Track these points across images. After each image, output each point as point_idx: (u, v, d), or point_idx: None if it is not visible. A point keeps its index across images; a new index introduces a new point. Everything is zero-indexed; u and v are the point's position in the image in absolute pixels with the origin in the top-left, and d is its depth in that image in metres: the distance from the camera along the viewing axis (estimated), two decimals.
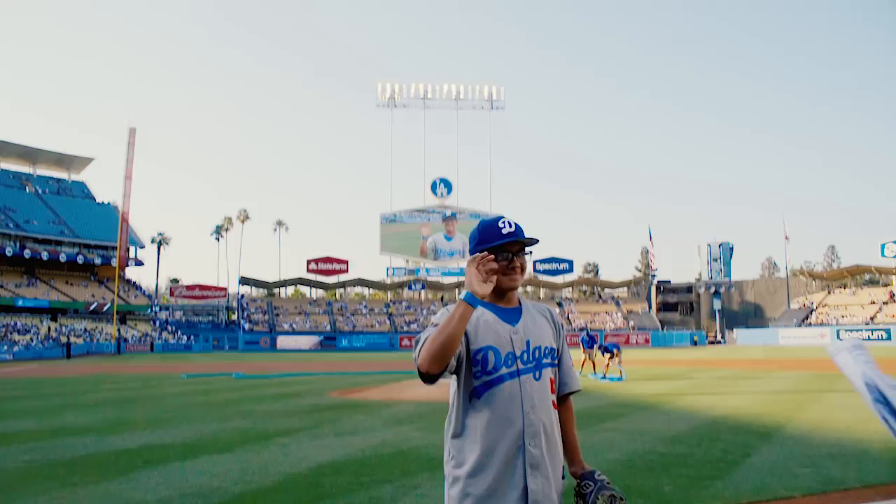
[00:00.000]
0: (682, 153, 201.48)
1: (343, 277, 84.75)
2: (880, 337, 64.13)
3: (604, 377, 21.25)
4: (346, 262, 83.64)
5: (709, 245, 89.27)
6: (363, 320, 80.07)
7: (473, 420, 2.58)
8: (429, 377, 2.50)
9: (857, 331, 66.75)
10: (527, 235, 2.76)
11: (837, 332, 67.10)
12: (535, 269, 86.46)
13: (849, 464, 7.54)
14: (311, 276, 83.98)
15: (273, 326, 75.81)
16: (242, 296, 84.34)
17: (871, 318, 70.47)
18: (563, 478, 2.69)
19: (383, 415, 12.54)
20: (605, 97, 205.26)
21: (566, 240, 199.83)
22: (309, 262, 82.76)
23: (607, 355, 22.02)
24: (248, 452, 8.56)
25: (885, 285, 79.66)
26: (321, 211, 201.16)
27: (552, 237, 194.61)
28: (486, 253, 2.52)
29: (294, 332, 73.73)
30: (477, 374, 2.58)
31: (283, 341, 70.37)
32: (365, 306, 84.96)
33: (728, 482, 6.72)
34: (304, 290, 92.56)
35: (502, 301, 2.73)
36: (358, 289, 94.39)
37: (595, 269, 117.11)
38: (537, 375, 2.65)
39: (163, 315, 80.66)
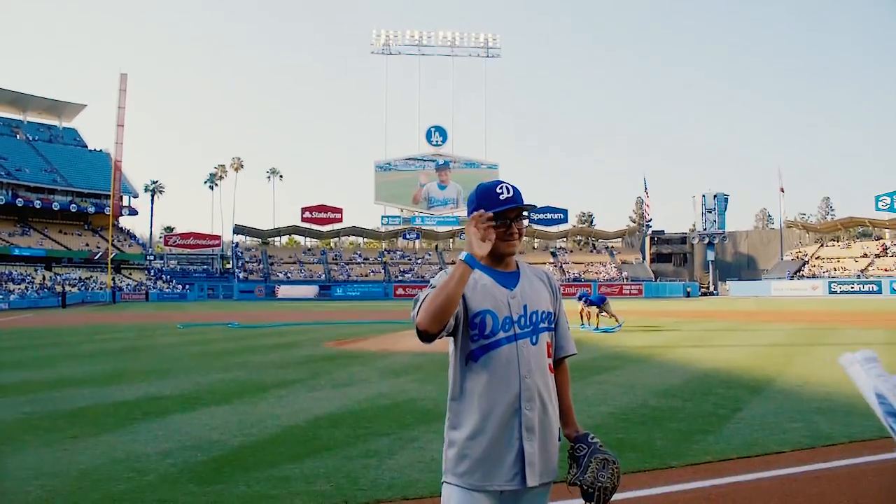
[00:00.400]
0: (679, 104, 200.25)
1: (338, 226, 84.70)
2: (871, 290, 64.68)
3: (597, 329, 21.47)
4: (340, 211, 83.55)
5: (703, 196, 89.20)
6: (358, 269, 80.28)
7: (471, 383, 2.63)
8: (427, 336, 2.53)
9: (849, 283, 67.31)
10: (524, 199, 2.76)
11: (829, 284, 67.66)
12: (529, 219, 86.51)
13: (837, 419, 7.67)
14: (306, 225, 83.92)
15: (268, 275, 75.99)
16: (237, 244, 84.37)
17: (863, 271, 70.96)
18: (560, 440, 2.75)
19: (379, 366, 12.67)
20: (601, 47, 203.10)
21: (561, 189, 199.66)
22: (303, 210, 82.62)
23: (594, 308, 22.17)
24: (245, 404, 8.67)
25: (878, 238, 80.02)
26: (316, 159, 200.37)
27: (547, 187, 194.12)
28: (482, 211, 2.54)
29: (289, 282, 73.93)
30: (474, 337, 2.63)
31: (284, 290, 70.53)
32: (359, 255, 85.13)
33: (719, 436, 6.85)
34: (299, 238, 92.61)
35: (500, 265, 2.76)
36: (352, 238, 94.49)
37: (590, 220, 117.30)
38: (534, 340, 2.68)
39: (157, 264, 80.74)
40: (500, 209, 2.64)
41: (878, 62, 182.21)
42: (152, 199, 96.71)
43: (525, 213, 2.84)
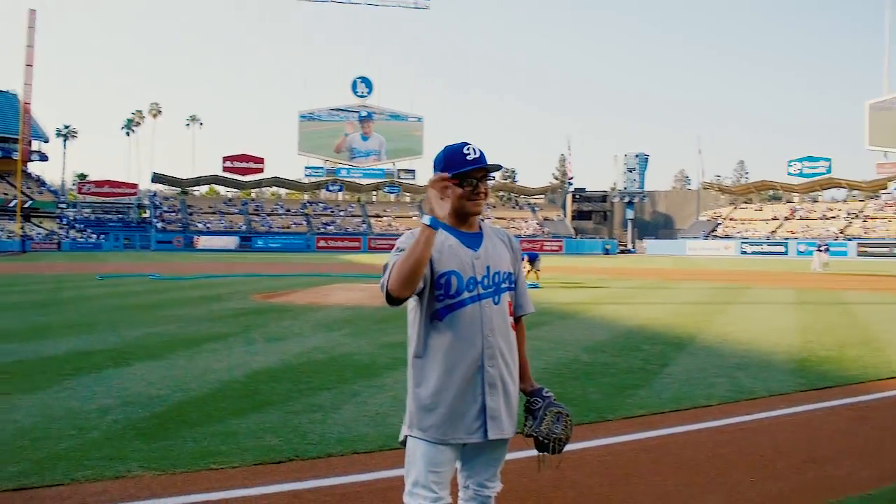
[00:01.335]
0: (604, 64, 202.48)
1: (259, 177, 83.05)
2: (779, 251, 67.59)
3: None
4: (262, 161, 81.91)
5: (625, 155, 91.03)
6: (279, 221, 79.12)
7: (435, 341, 2.72)
8: (398, 301, 2.60)
9: (759, 244, 70.13)
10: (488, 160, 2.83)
11: (741, 244, 70.37)
12: (434, 172, 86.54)
13: (756, 374, 8.10)
14: (227, 175, 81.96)
15: (187, 226, 74.15)
16: (155, 193, 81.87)
17: (772, 233, 73.96)
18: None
19: (310, 320, 12.64)
20: (529, 4, 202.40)
21: (485, 145, 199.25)
22: (224, 159, 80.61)
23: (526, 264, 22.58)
24: (180, 359, 8.55)
25: (788, 202, 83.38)
26: (238, 108, 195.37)
27: (471, 140, 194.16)
28: (440, 173, 2.60)
29: (209, 232, 72.31)
30: (440, 297, 2.72)
31: (204, 241, 68.88)
32: (281, 207, 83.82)
33: (651, 391, 7.15)
34: (219, 189, 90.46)
35: (465, 226, 2.83)
36: (274, 189, 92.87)
37: (512, 176, 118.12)
38: (497, 300, 2.79)
39: (70, 213, 77.70)
40: (466, 169, 2.72)
41: (793, 33, 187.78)
42: (64, 145, 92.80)
43: (491, 174, 2.91)
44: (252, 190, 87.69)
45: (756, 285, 24.58)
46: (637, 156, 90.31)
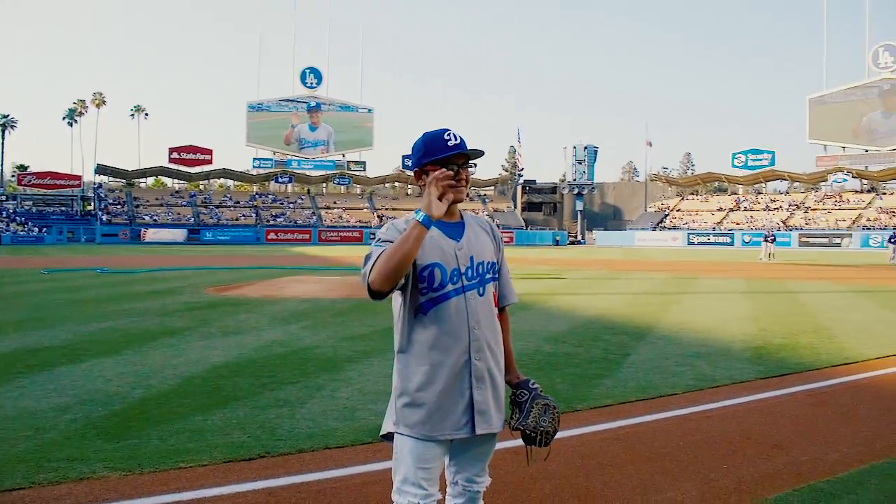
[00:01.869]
0: (554, 55, 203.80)
1: (207, 168, 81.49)
2: (725, 242, 68.97)
3: None
4: (210, 153, 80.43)
5: (574, 147, 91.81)
6: (228, 213, 77.85)
7: (420, 335, 2.66)
8: (379, 295, 2.54)
9: (705, 234, 71.50)
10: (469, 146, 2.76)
11: (688, 235, 71.63)
12: (403, 165, 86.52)
13: (716, 362, 8.23)
14: (174, 167, 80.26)
15: (133, 218, 72.47)
16: (99, 185, 79.74)
17: (718, 224, 75.43)
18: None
19: (267, 313, 12.44)
20: None
21: None
22: (171, 150, 78.95)
23: None
24: (136, 354, 8.32)
25: (733, 193, 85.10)
26: (185, 99, 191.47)
27: (421, 132, 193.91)
28: (444, 170, 2.54)
29: (156, 225, 70.82)
30: (423, 290, 2.65)
31: (151, 234, 67.33)
32: (230, 199, 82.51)
33: (616, 380, 7.20)
34: (166, 180, 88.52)
35: (446, 216, 2.73)
36: (222, 180, 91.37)
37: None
38: (481, 291, 2.73)
39: (10, 205, 75.26)
40: (447, 154, 2.65)
41: (738, 29, 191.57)
42: (3, 135, 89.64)
43: (473, 161, 2.85)
44: (200, 182, 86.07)
45: (706, 275, 25.02)
46: (586, 148, 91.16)
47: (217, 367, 7.64)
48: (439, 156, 2.66)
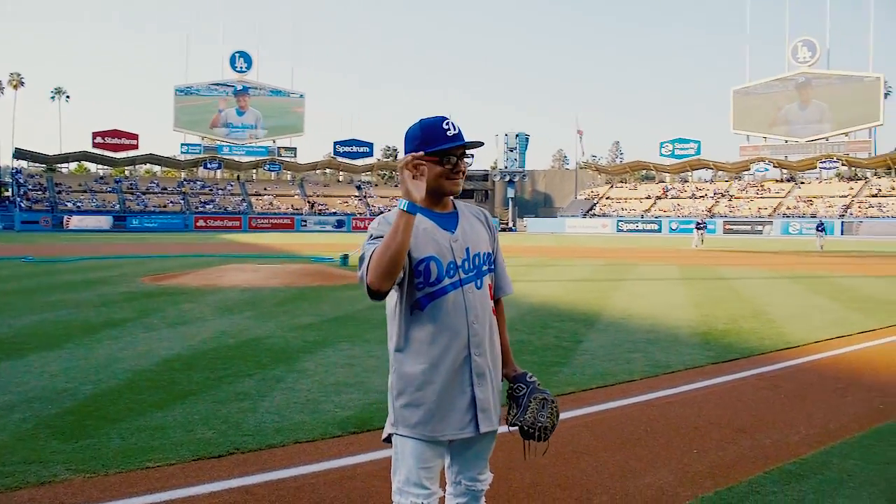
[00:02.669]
0: (486, 43, 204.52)
1: (133, 153, 78.95)
2: (653, 229, 70.54)
3: None
4: (136, 137, 77.91)
5: (506, 135, 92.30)
6: (156, 199, 75.66)
7: (417, 333, 2.57)
8: (380, 294, 2.44)
9: (634, 222, 72.98)
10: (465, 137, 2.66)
11: (618, 222, 72.98)
12: (334, 152, 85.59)
13: (668, 349, 8.39)
14: (98, 151, 77.42)
15: (55, 205, 69.74)
16: (18, 170, 76.33)
17: (646, 211, 77.06)
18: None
19: (209, 302, 12.14)
20: None
21: (367, 123, 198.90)
22: (95, 135, 76.16)
23: None
24: (79, 348, 7.99)
25: (660, 182, 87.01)
26: (108, 81, 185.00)
27: (353, 119, 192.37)
28: (412, 153, 2.43)
29: (79, 212, 68.32)
30: (419, 285, 2.56)
31: (75, 221, 64.85)
32: (157, 185, 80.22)
33: (573, 368, 7.27)
34: (90, 166, 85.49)
35: (439, 206, 2.67)
36: (149, 166, 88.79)
37: (395, 154, 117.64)
38: (479, 284, 2.66)
39: None
40: (447, 146, 2.56)
41: (668, 20, 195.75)
42: None
43: (470, 152, 2.77)
44: (125, 167, 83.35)
45: (641, 262, 25.53)
46: (518, 135, 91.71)
47: (168, 360, 7.40)
48: (438, 147, 2.55)
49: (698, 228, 40.08)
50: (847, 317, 11.18)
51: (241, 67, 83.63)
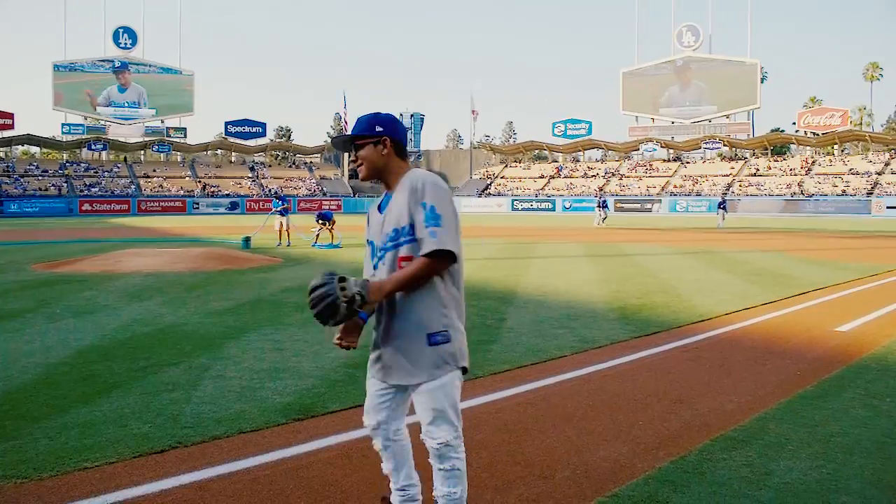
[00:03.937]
0: (380, 22, 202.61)
1: (9, 134, 74.20)
2: (546, 207, 72.04)
3: (316, 244, 21.65)
4: (11, 117, 73.11)
5: (401, 114, 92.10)
6: (35, 183, 71.41)
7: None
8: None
9: (529, 201, 74.30)
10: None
11: (513, 201, 74.10)
12: (226, 132, 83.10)
13: (590, 324, 8.55)
14: None
15: None
16: None
17: (540, 191, 78.56)
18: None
19: (112, 289, 11.55)
20: None
21: (259, 103, 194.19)
22: None
23: (321, 223, 22.36)
24: None
25: (554, 161, 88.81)
26: None
27: (244, 99, 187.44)
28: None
29: None
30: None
31: None
32: (37, 167, 75.74)
33: (504, 346, 7.30)
34: None
35: (392, 187, 3.04)
36: (27, 147, 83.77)
37: (288, 134, 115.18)
38: (382, 259, 3.00)
39: None
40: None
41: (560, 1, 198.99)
42: None
43: (359, 143, 3.03)
44: (0, 149, 78.37)
45: (544, 240, 26.00)
46: (413, 115, 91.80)
47: (82, 351, 6.98)
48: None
49: (599, 207, 41.08)
50: (747, 289, 11.70)
51: (126, 44, 79.79)
